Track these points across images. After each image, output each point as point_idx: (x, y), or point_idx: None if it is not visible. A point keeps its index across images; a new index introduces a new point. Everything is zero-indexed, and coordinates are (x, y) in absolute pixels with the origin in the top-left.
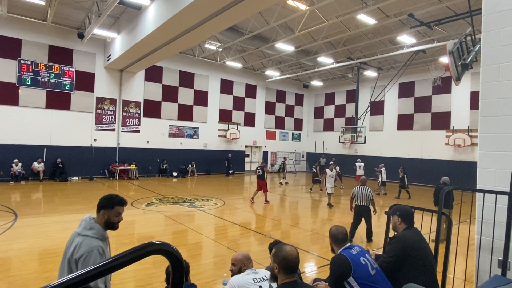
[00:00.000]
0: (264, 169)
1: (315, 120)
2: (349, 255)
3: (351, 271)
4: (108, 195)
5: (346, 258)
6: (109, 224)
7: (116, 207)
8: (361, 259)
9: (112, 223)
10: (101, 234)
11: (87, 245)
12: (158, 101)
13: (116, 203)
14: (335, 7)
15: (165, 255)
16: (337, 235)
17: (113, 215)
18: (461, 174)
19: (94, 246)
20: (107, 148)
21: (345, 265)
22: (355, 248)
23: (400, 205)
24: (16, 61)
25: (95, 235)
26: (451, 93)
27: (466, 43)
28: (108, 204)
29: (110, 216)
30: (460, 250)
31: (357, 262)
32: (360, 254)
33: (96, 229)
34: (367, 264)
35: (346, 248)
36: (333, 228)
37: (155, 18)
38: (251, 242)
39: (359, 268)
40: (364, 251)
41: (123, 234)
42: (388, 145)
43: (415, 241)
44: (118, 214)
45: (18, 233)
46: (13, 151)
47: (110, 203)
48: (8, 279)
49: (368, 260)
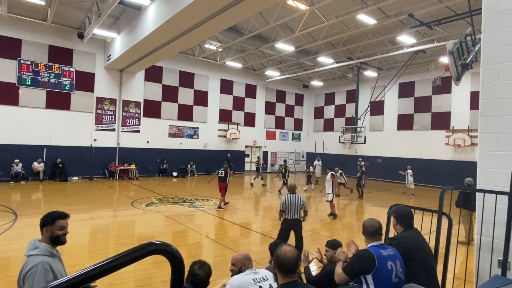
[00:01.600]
0: (227, 171)
1: (315, 120)
2: (377, 253)
3: (371, 270)
4: (48, 213)
5: (372, 256)
6: (54, 239)
7: (57, 221)
8: (389, 263)
9: (57, 237)
10: (47, 251)
11: (31, 262)
12: (158, 101)
13: (56, 217)
14: (335, 7)
15: (165, 255)
16: (367, 227)
17: (56, 230)
18: (461, 174)
19: (39, 262)
20: (107, 148)
21: (368, 262)
22: (387, 249)
23: (398, 206)
24: (16, 61)
25: (40, 252)
26: (451, 93)
27: (466, 43)
28: (49, 221)
29: (54, 231)
30: (460, 250)
31: (382, 264)
32: (389, 258)
33: (40, 247)
34: (392, 270)
35: (377, 245)
36: (367, 220)
37: (155, 18)
38: (251, 242)
39: (382, 272)
40: (396, 257)
41: (123, 234)
42: (388, 145)
43: (415, 242)
44: (62, 227)
45: (18, 233)
46: (13, 151)
47: (50, 218)
48: (8, 279)
49: (395, 267)
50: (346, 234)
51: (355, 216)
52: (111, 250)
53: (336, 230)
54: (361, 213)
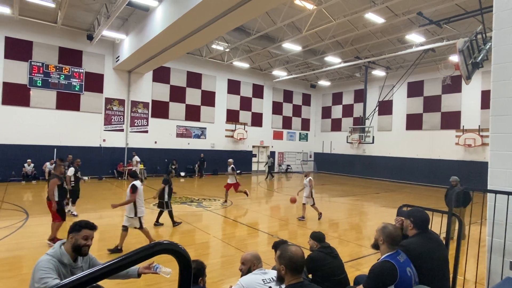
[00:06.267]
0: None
1: (323, 120)
2: (397, 263)
3: (394, 281)
4: (78, 221)
5: (392, 267)
6: (77, 247)
7: (83, 230)
8: (408, 269)
9: (79, 246)
10: (58, 256)
11: (39, 259)
12: (166, 101)
13: (83, 226)
14: (342, 6)
15: (173, 254)
16: (395, 237)
17: (80, 238)
18: (472, 174)
19: (44, 258)
20: (116, 148)
21: (390, 275)
22: (401, 255)
23: (415, 209)
24: (27, 62)
25: (50, 252)
26: (461, 92)
27: (477, 41)
28: (76, 228)
29: (77, 239)
30: (470, 252)
31: (403, 273)
32: (406, 263)
33: (55, 249)
34: (411, 277)
35: (392, 253)
36: (390, 226)
37: (162, 19)
38: (258, 242)
39: (404, 281)
40: (409, 260)
41: (131, 234)
42: (397, 145)
43: (424, 251)
44: (86, 237)
45: (29, 232)
46: (25, 151)
47: (78, 226)
48: (20, 277)
49: (413, 272)
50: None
51: (362, 217)
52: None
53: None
54: (365, 214)
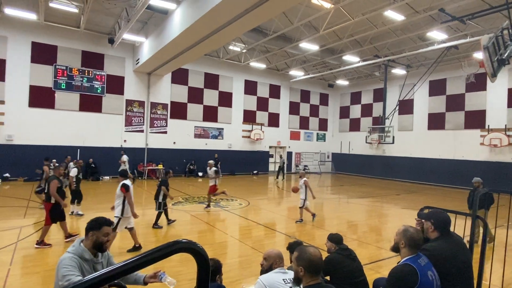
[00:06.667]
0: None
1: (341, 120)
2: (418, 266)
3: (415, 285)
4: (95, 218)
5: (413, 270)
6: (99, 245)
7: (104, 227)
8: (429, 273)
9: (101, 243)
10: (79, 252)
11: (61, 258)
12: (184, 102)
13: (102, 223)
14: (361, 4)
15: (191, 253)
16: (417, 240)
17: (102, 235)
18: (498, 175)
19: (66, 256)
20: (136, 148)
21: (411, 279)
22: (422, 258)
23: (436, 210)
24: (52, 66)
25: (70, 250)
26: (486, 90)
27: (503, 37)
28: (96, 226)
29: (99, 236)
30: (496, 256)
31: (424, 277)
32: (427, 266)
33: (75, 247)
34: (433, 281)
35: (413, 257)
36: (412, 229)
37: (181, 21)
38: (275, 243)
39: (424, 285)
40: (430, 264)
41: (150, 232)
42: (418, 146)
43: (447, 256)
44: (107, 234)
45: (53, 230)
46: (49, 152)
47: (98, 224)
48: (45, 273)
49: (434, 276)
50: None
51: (381, 219)
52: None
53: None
54: (385, 216)
